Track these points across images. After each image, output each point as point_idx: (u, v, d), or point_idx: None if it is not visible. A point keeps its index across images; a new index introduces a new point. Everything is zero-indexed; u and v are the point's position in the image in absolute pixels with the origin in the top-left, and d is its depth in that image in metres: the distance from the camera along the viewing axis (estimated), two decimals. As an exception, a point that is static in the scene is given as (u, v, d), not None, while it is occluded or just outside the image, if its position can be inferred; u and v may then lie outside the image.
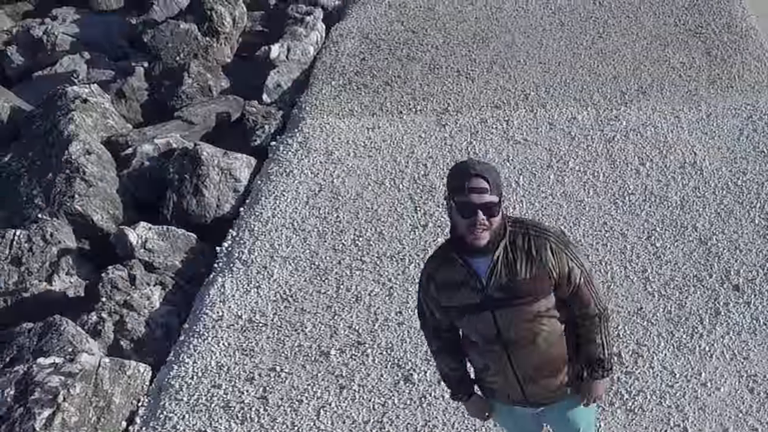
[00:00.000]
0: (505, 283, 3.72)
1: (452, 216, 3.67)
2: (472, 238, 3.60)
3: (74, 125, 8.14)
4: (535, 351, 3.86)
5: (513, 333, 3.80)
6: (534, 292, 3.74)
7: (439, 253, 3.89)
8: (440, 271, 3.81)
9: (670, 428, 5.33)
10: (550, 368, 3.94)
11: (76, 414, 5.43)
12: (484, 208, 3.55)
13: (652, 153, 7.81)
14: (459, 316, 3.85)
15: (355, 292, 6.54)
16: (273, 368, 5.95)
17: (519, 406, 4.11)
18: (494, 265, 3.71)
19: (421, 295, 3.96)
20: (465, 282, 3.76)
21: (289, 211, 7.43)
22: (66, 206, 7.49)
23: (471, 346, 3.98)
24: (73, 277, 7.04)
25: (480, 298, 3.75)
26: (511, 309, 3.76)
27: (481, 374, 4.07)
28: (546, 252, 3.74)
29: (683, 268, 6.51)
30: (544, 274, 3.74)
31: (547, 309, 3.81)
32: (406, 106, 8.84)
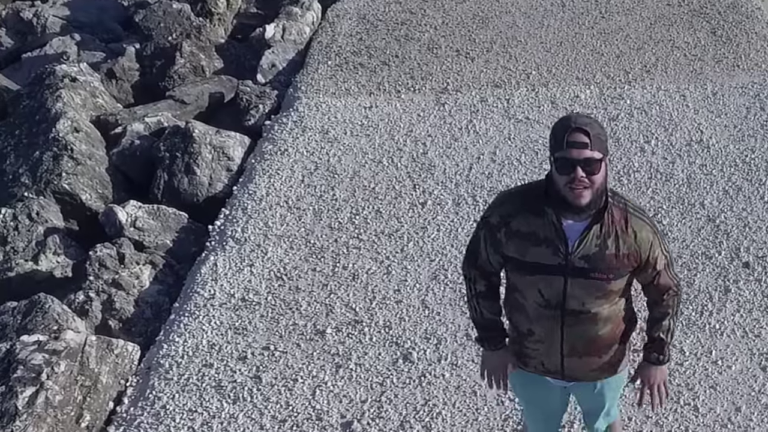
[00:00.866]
0: (592, 254, 3.49)
1: (552, 171, 3.43)
2: (573, 196, 3.35)
3: (62, 103, 7.91)
4: (592, 328, 3.65)
5: (578, 305, 3.58)
6: (617, 269, 3.52)
7: (521, 198, 3.62)
8: (521, 218, 3.54)
9: (680, 407, 5.14)
10: (599, 347, 3.73)
11: (61, 393, 5.21)
12: (584, 164, 3.31)
13: (657, 131, 7.62)
14: (523, 272, 3.60)
15: (352, 270, 6.33)
16: (266, 347, 5.74)
17: (551, 377, 3.89)
18: (588, 232, 3.47)
19: (482, 234, 3.68)
20: (548, 240, 3.50)
21: (283, 189, 7.22)
22: (53, 185, 7.26)
23: (518, 306, 3.73)
24: (60, 257, 6.82)
25: (559, 261, 3.51)
26: (587, 281, 3.53)
27: (520, 338, 3.82)
28: (641, 233, 3.52)
29: (691, 245, 6.32)
30: (632, 255, 3.52)
31: (619, 289, 3.61)
32: (404, 85, 8.63)
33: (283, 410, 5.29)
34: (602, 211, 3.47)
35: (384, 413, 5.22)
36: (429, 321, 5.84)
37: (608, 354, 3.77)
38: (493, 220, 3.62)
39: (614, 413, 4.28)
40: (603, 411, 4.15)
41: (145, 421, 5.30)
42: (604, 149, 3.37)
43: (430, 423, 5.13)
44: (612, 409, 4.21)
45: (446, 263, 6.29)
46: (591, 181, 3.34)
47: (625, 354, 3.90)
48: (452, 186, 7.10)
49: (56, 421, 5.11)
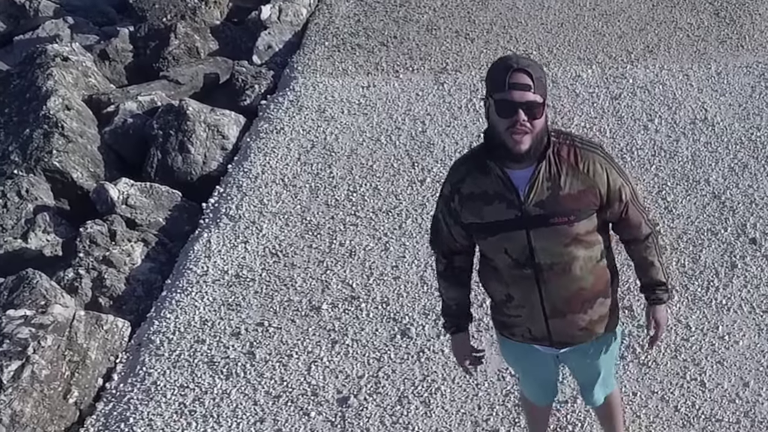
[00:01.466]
0: (546, 199, 3.31)
1: (490, 117, 3.25)
2: (513, 142, 3.18)
3: (53, 81, 7.75)
4: (569, 281, 3.46)
5: (548, 257, 3.39)
6: (577, 210, 3.33)
7: (468, 161, 3.44)
8: (468, 181, 3.37)
9: (686, 382, 4.98)
10: (582, 302, 3.53)
11: (47, 367, 5.06)
12: (526, 108, 3.14)
13: (661, 109, 7.47)
14: (485, 235, 3.42)
15: (349, 247, 6.18)
16: (261, 323, 5.59)
17: (540, 344, 3.71)
18: (536, 176, 3.29)
19: (439, 208, 3.53)
20: (499, 195, 3.33)
21: (279, 167, 7.07)
22: (43, 162, 7.11)
23: (492, 274, 3.56)
24: (50, 235, 6.66)
25: (515, 214, 3.33)
26: (549, 229, 3.34)
27: (500, 307, 3.65)
28: (594, 166, 3.35)
29: (696, 222, 6.16)
30: (590, 191, 3.34)
31: (587, 232, 3.40)
32: (403, 65, 8.48)
33: (277, 386, 5.14)
34: (545, 154, 3.30)
35: (381, 389, 5.07)
36: (428, 297, 5.69)
37: (594, 309, 3.59)
38: (445, 190, 3.48)
39: (612, 383, 4.11)
40: (599, 379, 3.97)
41: (135, 397, 5.15)
42: (545, 93, 3.22)
43: (428, 398, 4.98)
44: (609, 378, 4.04)
45: (445, 239, 6.14)
46: (532, 125, 3.19)
47: (614, 310, 3.71)
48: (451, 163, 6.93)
49: (43, 396, 4.96)
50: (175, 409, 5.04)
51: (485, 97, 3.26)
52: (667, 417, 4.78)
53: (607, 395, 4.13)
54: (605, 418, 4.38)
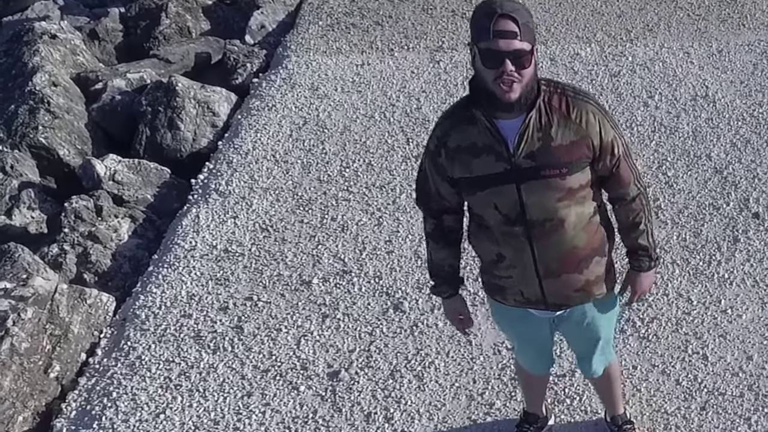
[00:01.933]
0: (537, 150, 3.13)
1: (475, 66, 3.06)
2: (501, 92, 3.00)
3: (40, 57, 7.60)
4: (562, 237, 3.29)
5: (540, 213, 3.22)
6: (569, 162, 3.16)
7: (455, 112, 3.26)
8: (455, 134, 3.20)
9: (688, 356, 4.83)
10: (576, 260, 3.37)
11: (27, 340, 4.89)
12: (512, 57, 2.95)
13: (661, 86, 7.32)
14: (473, 190, 3.25)
15: (341, 222, 6.02)
16: (249, 297, 5.43)
17: (533, 308, 3.55)
18: (526, 127, 3.11)
19: (425, 164, 3.36)
20: (488, 147, 3.15)
21: (271, 143, 6.91)
22: (29, 138, 6.94)
23: (481, 233, 3.39)
24: (35, 212, 6.50)
25: (505, 167, 3.16)
26: (540, 182, 3.17)
27: (491, 268, 3.48)
28: (587, 115, 3.17)
29: (698, 196, 6.02)
30: (583, 142, 3.17)
31: (580, 186, 3.23)
32: (398, 44, 8.32)
33: (265, 360, 4.99)
34: (535, 103, 3.12)
35: (373, 362, 4.92)
36: (421, 271, 5.53)
37: (590, 269, 3.43)
38: (431, 145, 3.31)
39: (610, 353, 3.95)
40: (597, 348, 3.82)
41: (118, 372, 4.99)
42: (533, 39, 3.02)
43: (422, 372, 4.83)
44: (607, 347, 3.88)
45: (440, 214, 5.99)
46: (520, 75, 3.00)
47: (610, 269, 3.55)
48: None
49: (22, 369, 4.81)
50: (159, 383, 4.89)
51: (470, 45, 3.09)
52: (668, 390, 4.63)
53: (606, 366, 3.98)
54: (604, 391, 4.24)
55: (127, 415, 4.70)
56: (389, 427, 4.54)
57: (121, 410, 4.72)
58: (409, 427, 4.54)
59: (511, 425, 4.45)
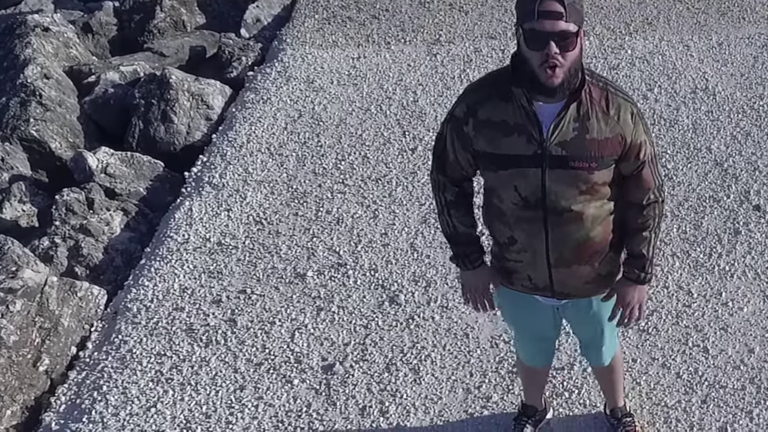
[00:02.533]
0: (570, 140, 3.06)
1: (520, 47, 2.98)
2: (545, 76, 2.91)
3: (32, 49, 7.51)
4: (579, 229, 3.22)
5: (560, 202, 3.14)
6: (600, 157, 3.09)
7: (489, 84, 3.17)
8: (487, 106, 3.10)
9: (688, 348, 4.76)
10: (589, 253, 3.29)
11: (16, 333, 4.81)
12: (557, 38, 2.87)
13: (660, 79, 7.25)
14: (496, 168, 3.16)
15: (336, 215, 5.95)
16: (243, 290, 5.35)
17: (540, 295, 3.47)
18: (564, 114, 3.04)
19: (447, 130, 3.25)
20: (520, 127, 3.07)
21: (265, 136, 6.83)
22: (20, 131, 6.86)
23: (495, 213, 3.30)
24: (26, 205, 6.41)
25: (535, 150, 3.08)
26: (568, 172, 3.10)
27: (501, 250, 3.40)
28: (625, 114, 3.10)
29: (698, 189, 5.95)
30: (616, 140, 3.10)
31: (604, 183, 3.16)
32: (395, 37, 8.25)
33: (259, 353, 4.91)
34: (579, 91, 3.05)
35: (369, 356, 4.84)
36: (418, 264, 5.46)
37: (601, 263, 3.37)
38: (458, 112, 3.20)
39: (615, 343, 3.88)
40: (603, 338, 3.75)
41: (109, 365, 4.91)
42: (580, 20, 2.94)
43: (418, 365, 4.75)
44: (613, 338, 3.81)
45: (437, 207, 5.91)
46: (565, 58, 2.91)
47: (621, 268, 3.49)
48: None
49: (10, 362, 4.72)
50: (151, 377, 4.80)
51: (515, 26, 3.01)
52: (668, 383, 4.56)
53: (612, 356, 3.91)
54: (606, 381, 4.16)
55: (118, 409, 4.62)
56: (384, 420, 4.47)
57: (112, 404, 4.64)
58: (404, 420, 4.46)
59: (508, 419, 4.38)
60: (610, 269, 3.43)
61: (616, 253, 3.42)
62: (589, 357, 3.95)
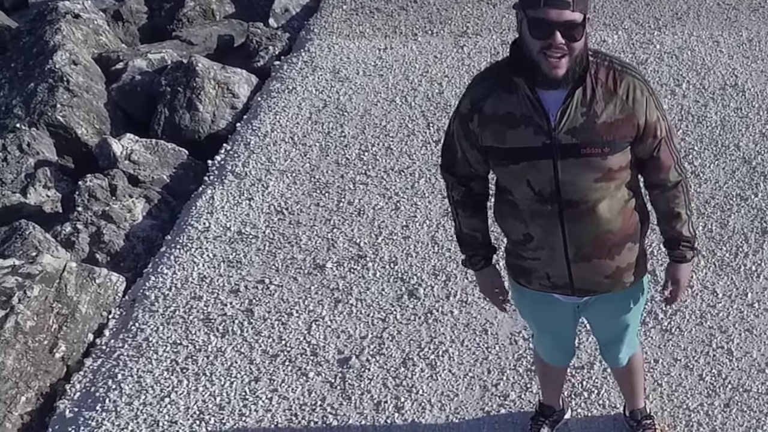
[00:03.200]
0: (579, 126, 2.87)
1: (522, 34, 2.80)
2: (548, 66, 2.74)
3: (61, 36, 7.39)
4: (596, 221, 3.02)
5: (575, 193, 2.95)
6: (612, 140, 2.88)
7: (492, 76, 2.98)
8: (491, 100, 2.93)
9: (712, 350, 4.54)
10: (608, 245, 3.09)
11: (33, 319, 4.68)
12: (563, 28, 2.68)
13: (689, 75, 7.01)
14: (506, 162, 2.97)
15: (358, 206, 5.78)
16: (261, 280, 5.20)
17: (559, 293, 3.28)
18: (570, 100, 2.85)
19: (454, 128, 3.08)
20: (526, 118, 2.89)
21: (289, 126, 6.67)
22: (47, 116, 6.74)
23: (509, 210, 3.12)
24: (51, 191, 6.30)
25: (543, 141, 2.89)
26: (580, 160, 2.90)
27: (517, 248, 3.21)
28: (634, 92, 2.89)
29: (725, 187, 5.72)
30: (628, 120, 2.89)
31: (620, 168, 2.95)
32: (422, 29, 8.05)
33: (275, 345, 4.75)
34: (584, 75, 2.85)
35: (385, 350, 4.67)
36: (438, 257, 5.28)
37: (621, 255, 3.16)
38: (463, 108, 3.02)
39: (635, 342, 3.69)
40: (624, 336, 3.56)
41: (125, 353, 4.77)
42: (586, 8, 2.74)
43: (435, 361, 4.58)
44: (633, 336, 3.62)
45: (459, 200, 5.72)
46: (570, 48, 2.73)
47: (642, 257, 3.28)
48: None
49: (26, 348, 4.59)
50: (166, 366, 4.66)
51: (517, 9, 2.82)
52: (690, 386, 4.35)
53: (630, 356, 3.72)
54: (626, 383, 3.97)
55: (131, 398, 4.48)
56: (399, 416, 4.29)
57: (126, 393, 4.51)
58: (420, 417, 4.29)
59: (525, 418, 4.19)
60: (629, 260, 3.22)
61: (635, 243, 3.21)
62: (607, 357, 3.75)
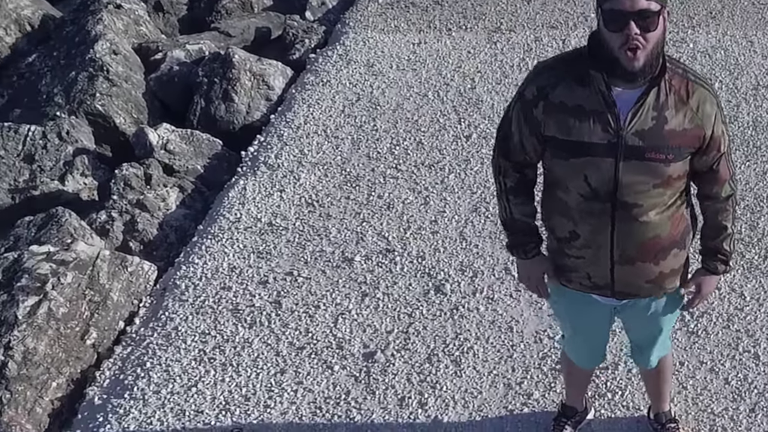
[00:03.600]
0: (648, 129, 2.76)
1: (599, 28, 2.70)
2: (626, 59, 2.62)
3: (102, 25, 7.34)
4: (647, 224, 2.91)
5: (631, 195, 2.84)
6: (677, 148, 2.78)
7: (562, 65, 2.87)
8: (561, 89, 2.81)
9: (738, 354, 4.40)
10: (655, 250, 2.98)
11: (66, 305, 4.64)
12: (638, 17, 2.57)
13: (722, 74, 6.82)
14: (566, 155, 2.86)
15: (388, 200, 5.67)
16: (290, 272, 5.12)
17: (598, 294, 3.16)
18: (642, 102, 2.74)
19: (513, 113, 2.95)
20: (596, 114, 2.78)
21: (322, 118, 6.58)
22: (86, 105, 6.70)
23: (558, 205, 3.00)
24: (88, 179, 6.26)
25: (609, 139, 2.78)
26: (643, 163, 2.79)
27: (561, 245, 3.09)
28: (705, 105, 2.78)
29: (755, 188, 5.56)
30: (695, 131, 2.79)
31: (678, 176, 2.86)
32: (456, 24, 7.91)
33: (301, 337, 4.67)
34: (659, 78, 2.72)
35: (410, 345, 4.57)
36: (466, 253, 5.17)
37: (666, 261, 3.04)
38: (528, 93, 2.89)
39: (667, 345, 3.56)
40: (658, 340, 3.43)
41: (154, 342, 4.71)
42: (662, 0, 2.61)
43: (459, 357, 4.47)
44: (666, 340, 3.49)
45: (488, 196, 5.60)
46: (645, 39, 2.60)
47: (686, 265, 3.17)
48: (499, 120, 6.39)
49: (58, 335, 4.55)
50: (194, 356, 4.60)
51: (595, 7, 2.72)
52: (716, 389, 4.21)
53: (661, 358, 3.59)
54: (653, 385, 3.84)
55: (159, 387, 4.42)
56: (423, 413, 4.19)
57: (154, 381, 4.45)
58: (443, 413, 4.18)
59: (548, 417, 4.08)
60: (673, 266, 3.11)
61: (681, 249, 3.09)
62: (638, 358, 3.63)
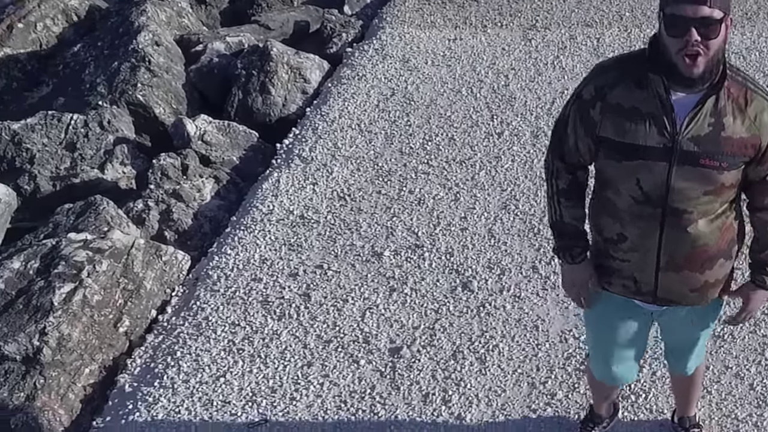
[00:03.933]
0: (704, 135, 2.65)
1: (660, 32, 2.60)
2: (685, 65, 2.53)
3: (146, 17, 7.33)
4: (696, 232, 2.80)
5: (682, 201, 2.73)
6: (732, 156, 2.67)
7: (621, 66, 2.77)
8: (619, 90, 2.71)
9: (765, 359, 4.27)
10: (702, 259, 2.86)
11: (100, 293, 4.62)
12: (699, 24, 2.47)
13: (756, 76, 6.63)
14: (619, 157, 2.75)
15: (419, 195, 5.60)
16: (320, 265, 5.06)
17: (640, 299, 3.04)
18: (700, 108, 2.63)
19: (571, 112, 2.85)
20: (653, 117, 2.67)
21: (357, 113, 6.51)
22: (127, 95, 6.69)
23: (606, 207, 2.89)
24: (127, 168, 6.25)
25: (665, 143, 2.67)
26: (697, 170, 2.68)
27: (607, 247, 2.97)
28: (762, 114, 2.67)
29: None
30: (751, 140, 2.67)
31: (731, 184, 2.75)
32: (491, 20, 7.80)
33: (329, 330, 4.61)
34: (718, 84, 2.62)
35: (436, 341, 4.50)
36: (494, 250, 5.08)
37: (712, 270, 2.91)
38: (585, 93, 2.78)
39: (704, 352, 3.44)
40: (695, 347, 3.32)
41: (185, 331, 4.68)
42: (726, 6, 2.51)
43: (485, 355, 4.39)
44: (702, 348, 3.36)
45: (518, 194, 5.51)
46: (706, 46, 2.50)
47: (730, 274, 3.03)
48: (532, 118, 6.29)
49: (92, 322, 4.54)
50: (223, 346, 4.56)
51: (658, 11, 2.61)
52: (740, 395, 4.09)
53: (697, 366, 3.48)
54: (682, 390, 3.71)
55: (189, 376, 4.39)
56: (446, 410, 4.12)
57: (183, 370, 4.42)
58: (466, 411, 4.11)
59: (571, 418, 3.99)
60: (718, 276, 2.98)
61: (727, 260, 2.97)
62: (674, 365, 3.49)
